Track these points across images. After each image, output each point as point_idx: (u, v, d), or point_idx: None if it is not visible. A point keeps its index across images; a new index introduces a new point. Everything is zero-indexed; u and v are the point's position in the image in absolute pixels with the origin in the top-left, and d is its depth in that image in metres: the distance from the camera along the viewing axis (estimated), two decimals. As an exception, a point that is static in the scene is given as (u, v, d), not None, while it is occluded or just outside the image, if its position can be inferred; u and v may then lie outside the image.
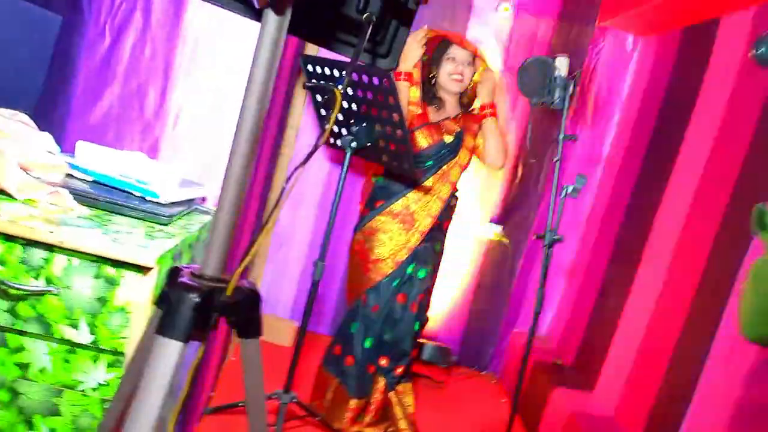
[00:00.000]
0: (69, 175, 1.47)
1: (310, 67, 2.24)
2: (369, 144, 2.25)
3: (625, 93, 3.39)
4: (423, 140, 2.49)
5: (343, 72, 2.13)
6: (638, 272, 2.73)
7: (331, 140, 2.43)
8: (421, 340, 3.35)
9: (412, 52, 2.40)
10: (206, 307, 0.67)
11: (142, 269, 1.20)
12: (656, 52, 3.17)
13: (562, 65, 2.31)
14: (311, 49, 2.65)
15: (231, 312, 0.71)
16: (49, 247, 1.18)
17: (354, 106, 2.23)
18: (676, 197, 2.58)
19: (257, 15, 0.66)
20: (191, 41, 1.94)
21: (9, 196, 1.29)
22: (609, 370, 2.76)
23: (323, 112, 2.37)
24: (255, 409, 0.78)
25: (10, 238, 1.17)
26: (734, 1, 2.40)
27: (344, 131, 2.33)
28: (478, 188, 3.41)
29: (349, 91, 2.19)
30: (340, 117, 2.32)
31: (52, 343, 1.21)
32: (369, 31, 0.67)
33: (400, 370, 2.44)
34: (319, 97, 2.35)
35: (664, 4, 2.74)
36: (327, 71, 2.21)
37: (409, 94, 2.44)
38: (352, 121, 2.26)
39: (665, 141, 2.81)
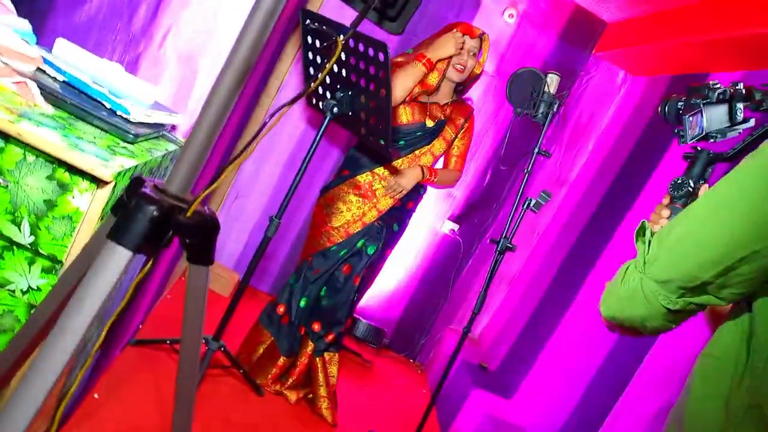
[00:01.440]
0: (41, 70, 1.41)
1: (308, 23, 2.20)
2: (350, 113, 2.23)
3: (605, 124, 3.47)
4: (405, 115, 2.49)
5: (341, 35, 2.10)
6: (577, 297, 2.82)
7: (314, 101, 2.41)
8: (358, 317, 3.37)
9: (447, 48, 2.39)
10: (163, 222, 0.66)
11: (98, 181, 1.16)
12: (643, 92, 3.25)
13: (552, 82, 2.34)
14: (313, 5, 2.60)
15: (187, 233, 0.69)
16: (5, 137, 1.13)
17: (344, 72, 2.21)
18: (629, 233, 2.67)
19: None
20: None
21: (-27, 75, 1.23)
22: (530, 382, 2.85)
23: (312, 71, 2.34)
24: (190, 338, 0.77)
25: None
26: (726, 61, 2.48)
27: (329, 95, 2.30)
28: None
29: (342, 56, 2.16)
30: (328, 80, 2.29)
31: (-12, 235, 1.16)
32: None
33: (330, 337, 2.46)
34: (316, 42, 2.28)
35: (659, 49, 2.81)
36: (324, 28, 2.18)
37: (419, 76, 2.41)
38: (339, 86, 2.24)
39: (631, 177, 2.89)
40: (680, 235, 0.89)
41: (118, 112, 1.42)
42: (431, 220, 3.46)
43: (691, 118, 1.25)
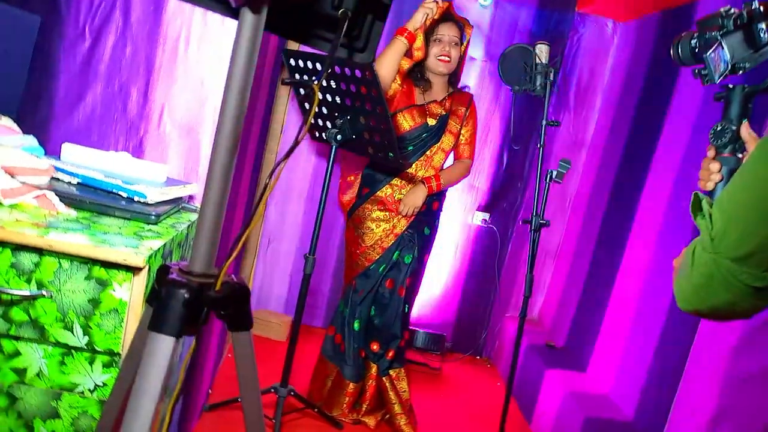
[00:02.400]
0: (55, 178, 1.47)
1: (292, 62, 2.25)
2: (354, 136, 2.26)
3: (607, 77, 3.42)
4: (405, 122, 2.50)
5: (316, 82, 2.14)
6: (625, 252, 2.77)
7: (317, 134, 2.44)
8: (414, 328, 3.38)
9: (417, 14, 2.32)
10: (196, 302, 0.69)
11: (133, 269, 1.20)
12: (636, 35, 3.20)
13: (542, 52, 2.33)
14: (294, 44, 2.65)
15: (220, 306, 0.72)
16: (39, 251, 1.18)
17: (338, 99, 2.24)
18: (660, 177, 2.62)
19: (235, 13, 0.67)
20: (171, 39, 1.94)
21: (-4, 201, 1.29)
22: (601, 350, 2.81)
23: (307, 105, 2.38)
24: (249, 401, 0.80)
25: (5, 245, 1.17)
26: (710, -18, 2.43)
27: (329, 124, 2.34)
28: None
29: (333, 84, 2.20)
30: (325, 110, 2.33)
31: (47, 346, 1.22)
32: (345, 26, 0.68)
33: (391, 354, 2.48)
34: (301, 91, 2.35)
35: (641, -14, 2.77)
36: (309, 65, 2.22)
37: (401, 50, 2.35)
38: (337, 114, 2.27)
39: (647, 122, 2.84)
40: (746, 200, 0.75)
41: (136, 198, 1.47)
42: (461, 216, 3.45)
43: (712, 54, 1.10)
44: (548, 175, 2.29)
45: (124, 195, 1.46)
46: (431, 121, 2.53)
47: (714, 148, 1.13)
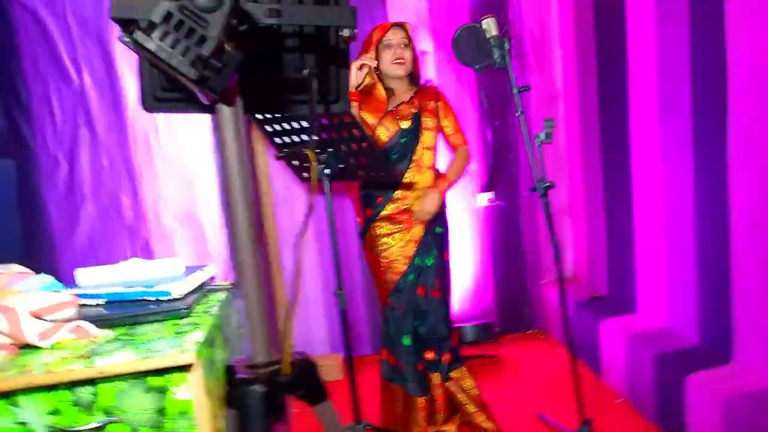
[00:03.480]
0: (81, 305, 1.49)
1: (267, 128, 2.26)
2: (341, 166, 2.28)
3: (557, 24, 3.45)
4: (383, 134, 2.52)
5: (293, 122, 2.16)
6: (633, 182, 2.77)
7: (305, 174, 2.46)
8: (461, 324, 3.38)
9: (353, 77, 2.40)
10: (273, 392, 0.70)
11: (186, 367, 1.22)
12: (570, -24, 3.22)
13: (490, 26, 2.35)
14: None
15: (296, 387, 0.73)
16: (92, 381, 1.20)
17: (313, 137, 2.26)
18: (642, 92, 2.63)
19: (209, 109, 0.69)
20: (141, 136, 1.97)
21: (35, 347, 1.31)
22: (644, 286, 2.80)
23: (295, 162, 2.40)
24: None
25: (52, 387, 1.19)
26: None
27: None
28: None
29: (304, 123, 2.21)
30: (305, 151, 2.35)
31: (129, 467, 1.22)
32: (315, 84, 0.70)
33: (446, 357, 2.48)
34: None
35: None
36: (276, 126, 2.24)
37: (356, 113, 2.47)
38: (318, 150, 2.29)
39: (611, 46, 2.85)
40: None
41: (162, 298, 1.48)
42: (467, 203, 3.46)
43: None
44: (537, 139, 2.30)
45: (151, 299, 1.48)
46: (405, 124, 2.54)
47: None
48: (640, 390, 2.53)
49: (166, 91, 0.73)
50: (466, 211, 3.48)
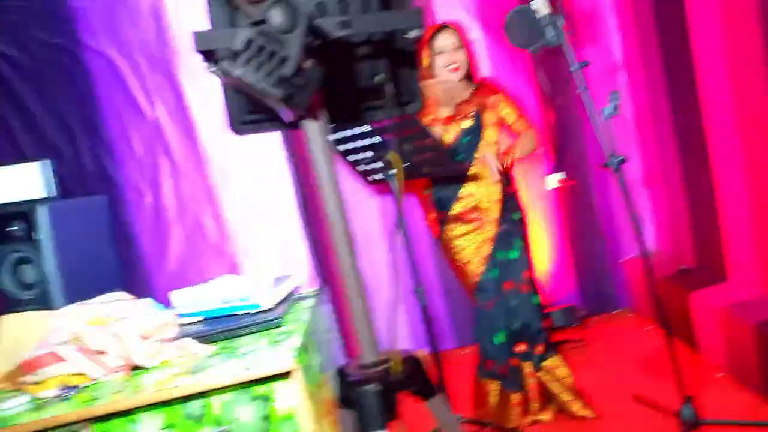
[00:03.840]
0: (181, 325, 1.58)
1: (341, 147, 2.30)
2: (407, 164, 2.30)
3: (609, -5, 3.34)
4: (446, 137, 2.51)
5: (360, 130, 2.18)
6: (709, 146, 2.65)
7: (370, 178, 2.49)
8: (546, 311, 3.32)
9: (437, 104, 2.43)
10: (387, 390, 0.72)
11: (286, 375, 1.27)
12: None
13: (540, 5, 2.30)
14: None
15: (408, 384, 0.76)
16: (202, 394, 1.27)
17: (379, 138, 2.29)
18: (709, 51, 2.51)
19: (293, 125, 0.72)
20: (217, 158, 2.06)
21: (144, 368, 1.40)
22: (734, 253, 2.67)
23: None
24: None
25: (166, 403, 1.27)
26: None
27: (380, 164, 2.38)
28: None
29: (362, 129, 2.23)
30: (371, 154, 2.38)
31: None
32: (390, 89, 0.72)
33: (539, 348, 2.45)
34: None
35: None
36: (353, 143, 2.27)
37: (443, 136, 2.48)
38: (380, 151, 2.32)
39: (671, 10, 2.73)
40: None
41: (254, 310, 1.55)
42: (537, 188, 3.40)
43: None
44: (604, 114, 2.24)
45: (244, 312, 1.55)
46: (467, 123, 2.52)
47: None
48: (741, 362, 2.41)
49: (251, 114, 0.77)
50: (538, 195, 3.42)
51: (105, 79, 2.44)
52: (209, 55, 0.69)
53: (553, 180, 3.41)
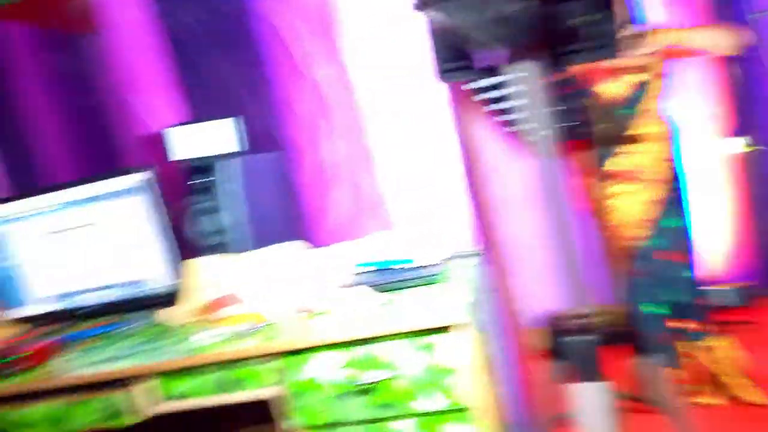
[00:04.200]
0: (358, 273, 1.65)
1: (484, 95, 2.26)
2: (567, 125, 2.18)
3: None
4: (607, 90, 2.32)
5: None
6: None
7: (533, 138, 2.39)
8: (714, 287, 3.03)
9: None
10: (604, 341, 0.70)
11: (452, 327, 1.28)
12: None
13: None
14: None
15: (626, 339, 0.73)
16: (373, 339, 1.32)
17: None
18: None
19: (494, 72, 0.70)
20: (373, 120, 2.09)
21: (321, 312, 1.48)
22: None
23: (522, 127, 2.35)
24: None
25: (344, 344, 1.33)
26: None
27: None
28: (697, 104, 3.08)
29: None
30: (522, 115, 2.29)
31: (409, 419, 1.33)
32: (590, 32, 0.67)
33: (693, 326, 2.26)
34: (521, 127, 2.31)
35: None
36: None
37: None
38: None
39: None
40: None
41: (421, 265, 1.59)
42: (715, 150, 3.07)
43: None
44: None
45: (407, 266, 1.59)
46: (632, 77, 2.32)
47: None
48: None
49: (456, 61, 0.79)
50: (716, 159, 3.10)
51: (268, 43, 2.57)
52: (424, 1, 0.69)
53: (736, 144, 3.06)
